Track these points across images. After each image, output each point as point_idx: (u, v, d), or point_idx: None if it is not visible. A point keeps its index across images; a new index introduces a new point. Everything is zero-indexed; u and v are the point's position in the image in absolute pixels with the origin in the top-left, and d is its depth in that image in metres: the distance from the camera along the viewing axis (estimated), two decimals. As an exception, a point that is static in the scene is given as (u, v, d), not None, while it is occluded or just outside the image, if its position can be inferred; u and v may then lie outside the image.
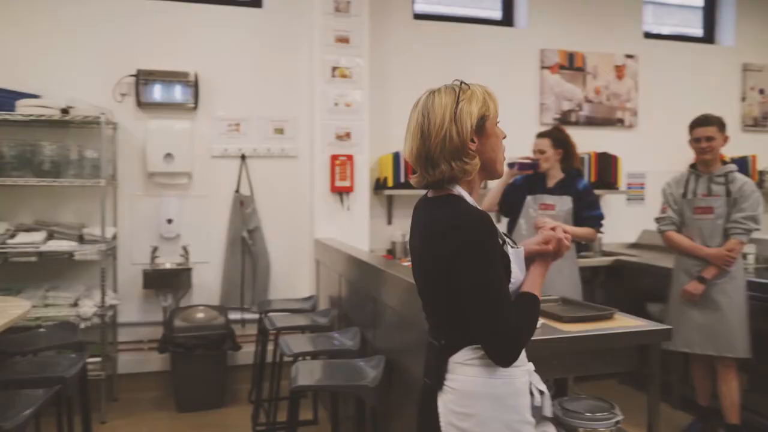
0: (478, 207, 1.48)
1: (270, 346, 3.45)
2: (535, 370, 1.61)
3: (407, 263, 3.63)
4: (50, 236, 3.83)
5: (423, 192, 1.64)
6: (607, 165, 4.94)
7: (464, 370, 1.48)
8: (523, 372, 1.53)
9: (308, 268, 4.48)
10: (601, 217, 3.38)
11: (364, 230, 4.38)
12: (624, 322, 2.27)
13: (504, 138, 1.58)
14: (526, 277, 1.55)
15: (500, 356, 1.44)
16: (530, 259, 1.61)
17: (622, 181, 5.09)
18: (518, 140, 4.48)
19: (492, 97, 1.56)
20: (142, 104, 4.22)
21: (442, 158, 1.47)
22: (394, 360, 2.49)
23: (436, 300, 1.54)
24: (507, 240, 1.55)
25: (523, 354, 1.54)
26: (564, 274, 3.35)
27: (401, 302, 2.45)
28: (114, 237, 4.09)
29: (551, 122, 5.11)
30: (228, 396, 4.04)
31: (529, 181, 3.52)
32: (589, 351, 2.17)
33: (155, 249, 4.22)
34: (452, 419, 1.47)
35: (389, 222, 4.73)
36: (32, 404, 2.01)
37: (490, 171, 1.57)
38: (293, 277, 4.50)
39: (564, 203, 3.38)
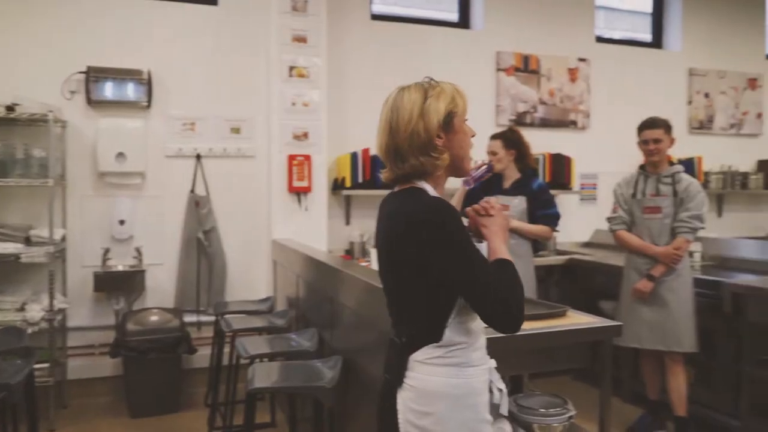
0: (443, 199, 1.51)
1: (227, 349, 3.40)
2: (497, 367, 1.63)
3: (365, 263, 3.64)
4: (-6, 238, 3.69)
5: (382, 192, 1.66)
6: (560, 166, 5.05)
7: (423, 369, 1.50)
8: (483, 371, 1.55)
9: (265, 269, 4.43)
10: (555, 215, 3.44)
11: (322, 230, 4.37)
12: (576, 320, 2.32)
13: (473, 136, 1.61)
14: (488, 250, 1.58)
15: (509, 325, 1.45)
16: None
17: (576, 182, 5.21)
18: (475, 140, 4.52)
19: (461, 94, 1.58)
20: (93, 102, 4.10)
21: (410, 153, 1.50)
22: (351, 360, 2.49)
23: (400, 296, 1.57)
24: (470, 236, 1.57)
25: (484, 352, 1.58)
26: (518, 272, 3.41)
27: (359, 302, 2.46)
28: (63, 239, 3.97)
29: (507, 123, 5.19)
30: (183, 400, 3.96)
31: (486, 182, 3.57)
32: (543, 348, 2.21)
33: (107, 251, 4.11)
34: (410, 417, 1.49)
35: (347, 222, 4.72)
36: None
37: (457, 168, 1.59)
38: (250, 279, 4.45)
39: (519, 203, 3.45)
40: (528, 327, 2.21)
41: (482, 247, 1.56)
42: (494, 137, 3.54)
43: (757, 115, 6.16)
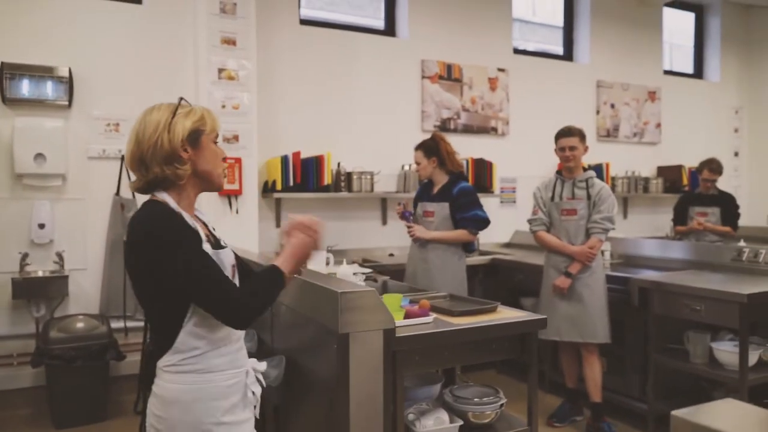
0: (179, 211, 1.58)
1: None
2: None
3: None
4: None
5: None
6: (483, 170, 5.30)
7: (164, 376, 1.59)
8: (230, 375, 1.63)
9: (195, 272, 4.38)
10: (474, 218, 3.57)
11: (253, 233, 4.38)
12: (506, 314, 2.49)
13: (224, 159, 1.71)
14: (282, 254, 1.68)
15: (237, 322, 1.58)
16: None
17: (497, 186, 5.47)
18: (402, 145, 4.71)
19: (212, 117, 1.69)
20: (8, 100, 3.92)
21: (154, 162, 1.56)
22: (291, 359, 2.54)
23: (143, 304, 1.64)
24: (213, 241, 1.67)
25: (235, 357, 1.66)
26: (448, 272, 3.59)
27: (296, 300, 2.50)
28: (-23, 244, 3.77)
29: (432, 129, 5.39)
30: (111, 408, 3.85)
31: (422, 189, 3.82)
32: (477, 341, 2.36)
33: (25, 256, 3.93)
34: (152, 421, 1.60)
35: (278, 225, 4.74)
36: None
37: (208, 182, 1.67)
38: (179, 283, 4.37)
39: (442, 209, 3.64)
40: (463, 321, 2.37)
41: (220, 253, 1.63)
42: (416, 148, 3.75)
43: (656, 125, 6.70)
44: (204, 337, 1.59)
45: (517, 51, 5.99)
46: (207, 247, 1.58)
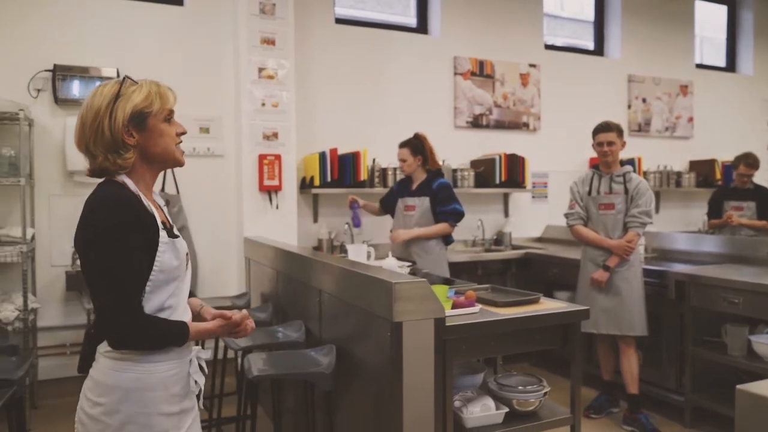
0: (138, 193, 1.52)
1: (209, 343, 3.48)
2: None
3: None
4: (-38, 238, 3.63)
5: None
6: (515, 165, 5.35)
7: (102, 360, 1.53)
8: (171, 366, 1.56)
9: (236, 266, 4.52)
10: (454, 211, 3.80)
11: (293, 227, 4.49)
12: (549, 305, 2.56)
13: (182, 133, 1.63)
14: (202, 324, 1.64)
15: (110, 339, 1.49)
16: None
17: (529, 181, 5.52)
18: (435, 141, 4.76)
19: (163, 93, 1.58)
20: (60, 100, 4.08)
21: (98, 150, 1.50)
22: (341, 347, 2.64)
23: (87, 285, 1.55)
24: (168, 229, 1.57)
25: (174, 349, 1.56)
26: (430, 261, 3.80)
27: (344, 290, 2.61)
28: (32, 238, 3.93)
29: (465, 125, 5.46)
30: (159, 396, 3.99)
31: (401, 185, 4.01)
32: (521, 331, 2.43)
33: (76, 250, 4.09)
34: (84, 404, 1.53)
35: (315, 220, 4.86)
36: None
37: (164, 162, 1.60)
38: (221, 276, 4.52)
39: (423, 203, 3.85)
40: (507, 312, 2.44)
41: (176, 242, 1.56)
42: (402, 145, 3.91)
43: (689, 119, 6.67)
44: None
45: (548, 46, 6.01)
46: (163, 234, 1.52)
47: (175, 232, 1.61)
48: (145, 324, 1.49)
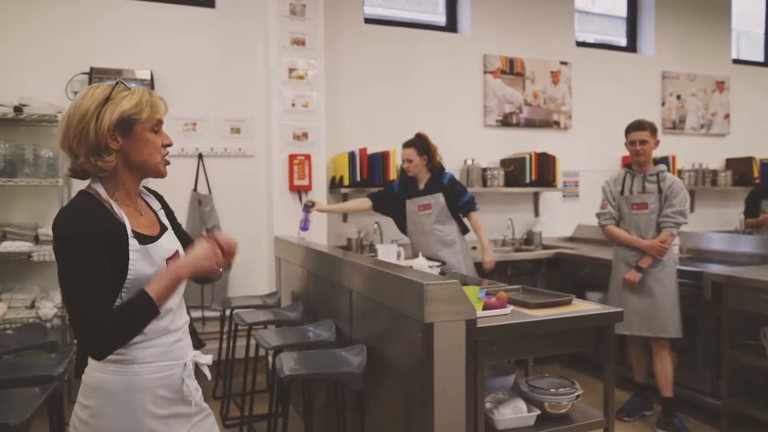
0: (108, 201, 1.52)
1: (240, 342, 3.52)
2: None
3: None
4: (3, 237, 3.74)
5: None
6: (546, 164, 5.29)
7: (90, 363, 1.54)
8: (158, 368, 1.55)
9: (267, 264, 4.56)
10: (471, 200, 3.88)
11: (322, 227, 4.51)
12: (582, 307, 2.53)
13: (168, 145, 1.64)
14: (157, 278, 1.52)
15: (88, 350, 1.48)
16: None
17: (559, 180, 5.46)
18: (465, 140, 4.76)
19: (153, 102, 1.58)
20: (96, 103, 4.17)
21: (80, 151, 1.49)
22: (371, 347, 2.65)
23: None
24: (138, 236, 1.54)
25: (166, 349, 1.57)
26: (457, 254, 3.83)
27: (375, 291, 2.61)
28: (70, 237, 4.03)
29: (494, 124, 5.43)
30: (191, 393, 4.06)
31: (404, 187, 3.99)
32: (553, 332, 2.41)
33: (112, 249, 4.17)
34: (76, 408, 1.55)
35: (344, 220, 4.88)
36: (32, 402, 2.05)
37: (145, 171, 1.60)
38: (252, 275, 4.57)
39: (437, 200, 3.85)
40: (539, 313, 2.42)
41: (149, 248, 1.54)
42: (407, 146, 3.89)
43: (725, 116, 6.52)
44: None
45: (579, 43, 5.94)
46: (133, 243, 1.50)
47: (160, 233, 1.60)
48: (109, 324, 1.42)
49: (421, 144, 3.87)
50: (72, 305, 1.44)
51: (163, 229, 1.65)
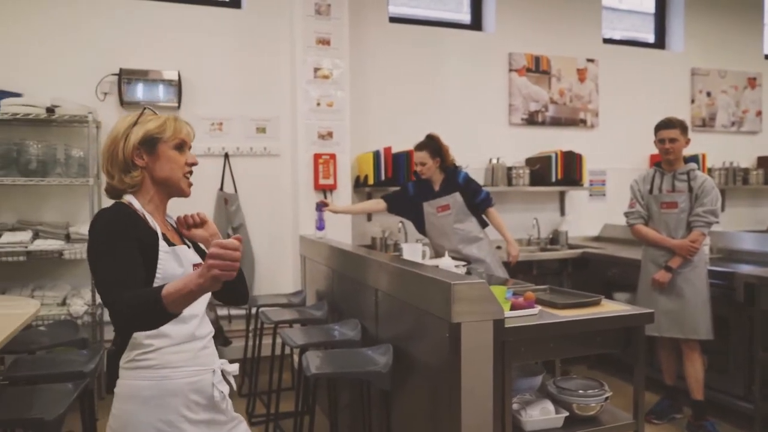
0: (142, 212, 1.60)
1: (265, 340, 3.55)
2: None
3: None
4: (36, 235, 3.81)
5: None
6: (572, 163, 5.23)
7: (122, 373, 1.58)
8: (189, 373, 1.59)
9: (292, 263, 4.59)
10: (487, 196, 3.85)
11: (347, 226, 4.52)
12: (611, 307, 2.50)
13: (192, 164, 1.72)
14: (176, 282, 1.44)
15: (116, 327, 1.52)
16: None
17: (586, 178, 5.39)
18: (490, 139, 4.72)
19: (176, 124, 1.68)
20: (125, 103, 4.23)
21: (114, 170, 1.62)
22: (397, 346, 2.65)
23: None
24: (167, 240, 1.61)
25: (194, 354, 1.61)
26: (482, 249, 3.80)
27: (401, 290, 2.61)
28: (100, 236, 4.09)
29: (520, 122, 5.38)
30: (218, 390, 4.10)
31: (419, 189, 3.92)
32: (581, 333, 2.38)
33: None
34: (110, 421, 1.58)
35: (369, 219, 4.89)
36: (65, 398, 2.09)
37: (168, 187, 1.68)
38: (277, 273, 4.60)
39: (455, 200, 3.80)
40: (568, 314, 2.39)
41: (178, 250, 1.62)
42: (419, 149, 3.82)
43: (757, 113, 6.38)
44: (160, 333, 1.55)
45: (606, 40, 5.86)
46: (162, 245, 1.58)
47: (187, 243, 1.72)
48: (119, 306, 1.41)
49: (433, 146, 3.80)
50: (99, 286, 1.49)
51: (187, 245, 1.74)
